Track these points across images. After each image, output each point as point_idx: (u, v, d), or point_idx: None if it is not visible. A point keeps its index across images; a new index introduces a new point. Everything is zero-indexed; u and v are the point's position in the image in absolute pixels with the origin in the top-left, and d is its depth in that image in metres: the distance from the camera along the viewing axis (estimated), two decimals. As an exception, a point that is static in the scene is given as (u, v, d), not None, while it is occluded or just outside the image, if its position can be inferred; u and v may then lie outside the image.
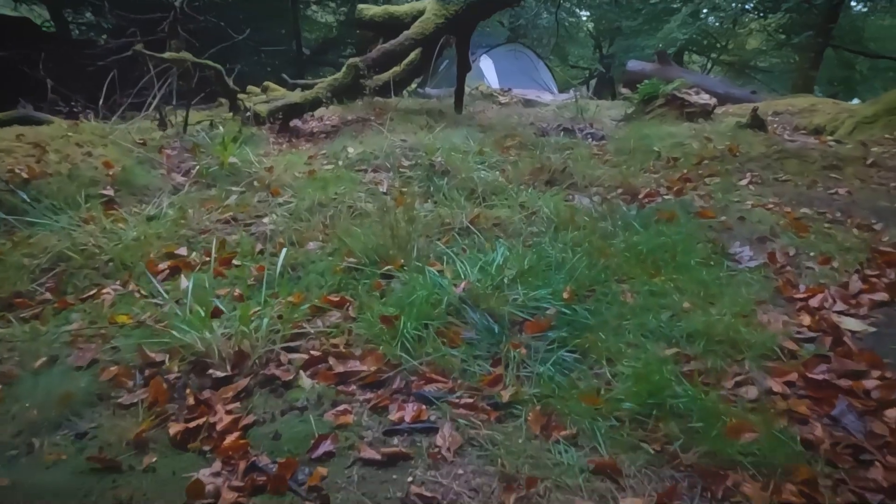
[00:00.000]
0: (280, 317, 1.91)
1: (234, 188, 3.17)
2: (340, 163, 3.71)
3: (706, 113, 7.02)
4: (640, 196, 3.25)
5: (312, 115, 5.85)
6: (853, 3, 14.31)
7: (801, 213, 2.86)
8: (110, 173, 3.11)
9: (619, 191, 3.35)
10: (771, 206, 2.97)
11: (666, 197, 3.23)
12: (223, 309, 1.94)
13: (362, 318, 1.93)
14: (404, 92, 8.13)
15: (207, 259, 2.33)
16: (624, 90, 10.14)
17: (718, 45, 18.21)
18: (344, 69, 5.40)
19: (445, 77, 10.33)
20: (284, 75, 9.04)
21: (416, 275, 2.09)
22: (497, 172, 3.68)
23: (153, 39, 3.94)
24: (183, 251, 2.46)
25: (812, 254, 2.38)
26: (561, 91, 14.93)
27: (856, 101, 21.38)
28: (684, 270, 2.16)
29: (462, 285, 1.99)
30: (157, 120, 4.11)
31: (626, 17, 17.40)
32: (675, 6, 14.50)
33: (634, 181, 3.52)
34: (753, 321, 1.89)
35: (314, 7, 21.05)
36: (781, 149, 3.80)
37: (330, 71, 21.13)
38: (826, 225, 2.68)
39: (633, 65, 9.60)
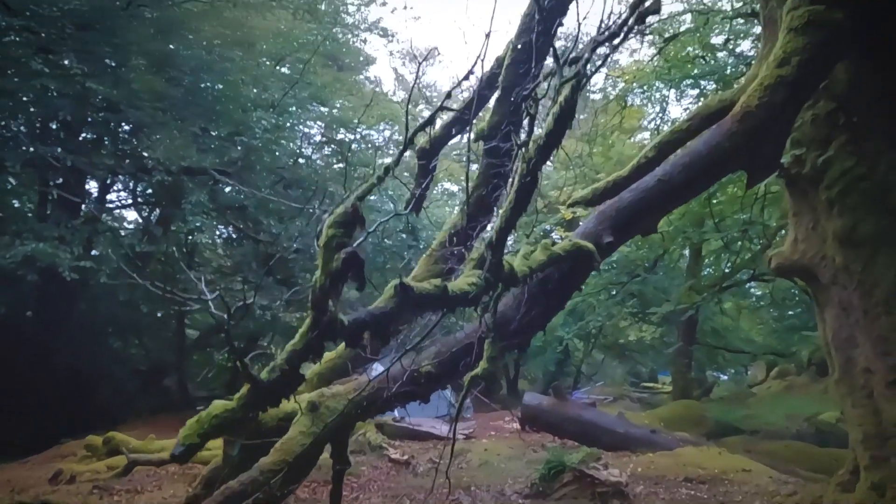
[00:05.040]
0: None
1: None
2: None
3: (620, 493, 6.25)
4: None
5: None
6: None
7: None
8: None
9: None
10: None
11: None
12: None
13: None
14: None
15: None
16: (520, 420, 9.57)
17: (596, 332, 19.49)
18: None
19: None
20: (131, 439, 7.35)
21: None
22: None
23: None
24: None
25: None
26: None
27: (724, 376, 23.16)
28: None
29: None
30: None
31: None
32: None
33: None
34: None
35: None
36: None
37: (215, 358, 19.28)
38: None
39: (530, 398, 9.22)
